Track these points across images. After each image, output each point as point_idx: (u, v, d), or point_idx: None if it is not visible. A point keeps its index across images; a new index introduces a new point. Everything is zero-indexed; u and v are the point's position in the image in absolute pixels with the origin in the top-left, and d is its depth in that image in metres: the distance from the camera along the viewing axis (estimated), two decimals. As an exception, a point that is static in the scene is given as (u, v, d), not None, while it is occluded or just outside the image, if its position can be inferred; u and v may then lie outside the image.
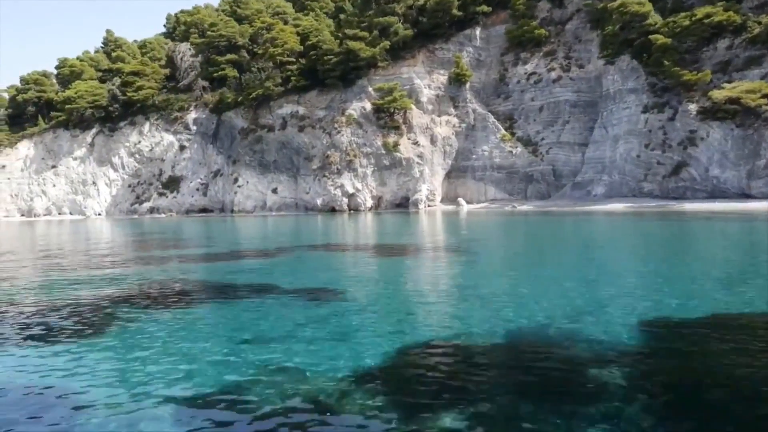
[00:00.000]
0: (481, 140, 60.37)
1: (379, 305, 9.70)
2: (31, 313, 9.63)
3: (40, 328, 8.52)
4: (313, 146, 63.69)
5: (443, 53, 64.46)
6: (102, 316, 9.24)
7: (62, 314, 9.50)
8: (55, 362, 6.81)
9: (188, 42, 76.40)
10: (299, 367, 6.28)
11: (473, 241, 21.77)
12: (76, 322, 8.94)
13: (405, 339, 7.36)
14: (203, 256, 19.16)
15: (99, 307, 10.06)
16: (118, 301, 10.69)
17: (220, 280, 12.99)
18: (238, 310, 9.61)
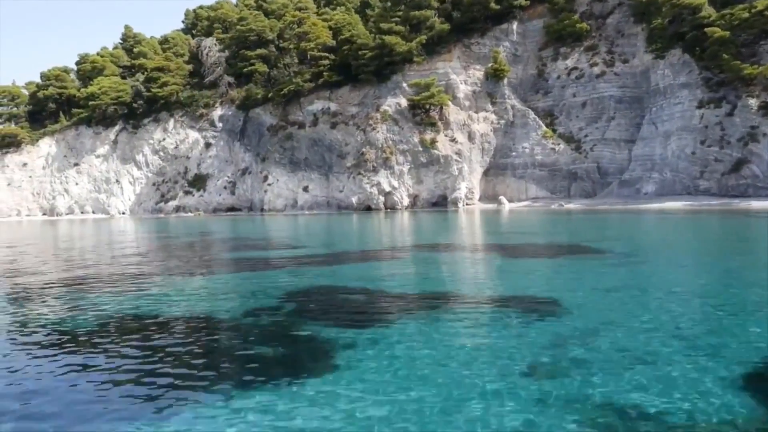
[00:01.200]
0: (521, 137, 58.77)
1: (615, 318, 8.03)
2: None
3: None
4: (346, 143, 62.09)
5: (479, 48, 62.86)
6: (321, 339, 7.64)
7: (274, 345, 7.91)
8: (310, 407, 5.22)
9: (213, 37, 74.66)
10: (646, 409, 4.69)
11: (607, 241, 20.16)
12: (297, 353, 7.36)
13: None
14: (325, 257, 17.49)
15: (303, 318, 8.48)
16: (319, 320, 9.10)
17: (405, 288, 11.37)
18: (469, 326, 7.99)
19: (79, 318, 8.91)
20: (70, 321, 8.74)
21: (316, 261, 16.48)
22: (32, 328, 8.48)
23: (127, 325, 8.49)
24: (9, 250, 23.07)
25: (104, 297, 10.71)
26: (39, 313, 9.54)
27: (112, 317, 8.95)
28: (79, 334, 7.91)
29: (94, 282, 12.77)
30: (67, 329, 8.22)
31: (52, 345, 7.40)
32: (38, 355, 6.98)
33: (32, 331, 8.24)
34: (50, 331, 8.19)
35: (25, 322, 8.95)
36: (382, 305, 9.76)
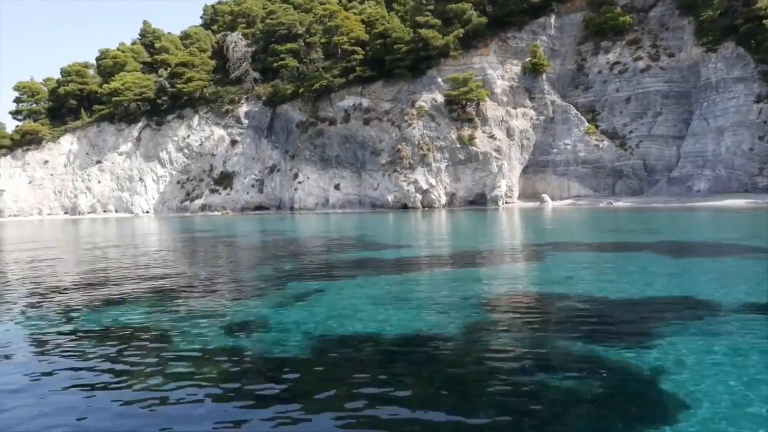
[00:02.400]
0: (562, 133, 57.14)
1: None
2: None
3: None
4: (380, 140, 60.42)
5: (516, 42, 61.29)
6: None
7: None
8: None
9: (238, 32, 72.99)
10: None
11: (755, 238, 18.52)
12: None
13: None
14: (454, 257, 15.84)
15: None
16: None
17: (638, 294, 9.71)
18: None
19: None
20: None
21: (452, 262, 14.85)
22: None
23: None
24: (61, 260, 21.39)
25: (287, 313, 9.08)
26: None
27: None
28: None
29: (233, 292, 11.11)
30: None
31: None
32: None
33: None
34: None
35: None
36: (646, 314, 8.12)
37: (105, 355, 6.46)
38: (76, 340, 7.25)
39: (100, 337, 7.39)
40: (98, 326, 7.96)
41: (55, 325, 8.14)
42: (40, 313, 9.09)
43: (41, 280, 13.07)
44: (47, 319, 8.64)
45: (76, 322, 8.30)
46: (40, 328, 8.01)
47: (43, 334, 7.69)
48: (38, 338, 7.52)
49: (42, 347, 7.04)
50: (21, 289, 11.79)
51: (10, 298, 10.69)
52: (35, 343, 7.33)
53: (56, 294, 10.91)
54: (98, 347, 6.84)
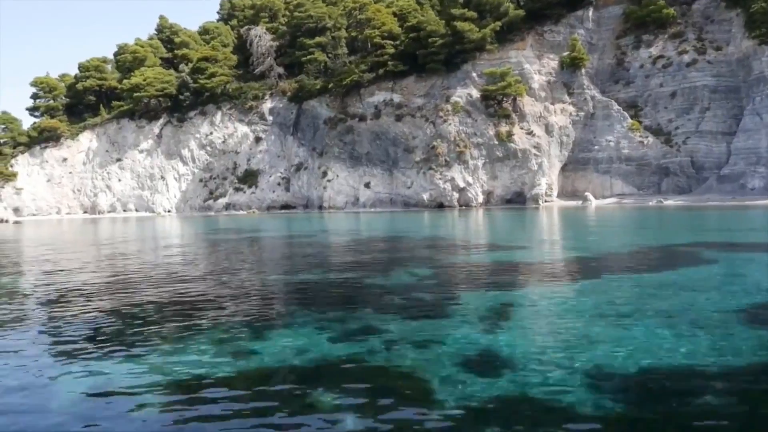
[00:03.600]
0: (604, 130, 55.29)
1: None
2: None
3: None
4: (413, 136, 58.52)
5: (553, 36, 59.51)
6: None
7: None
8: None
9: (261, 25, 71.02)
10: None
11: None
12: None
13: None
14: (595, 260, 13.97)
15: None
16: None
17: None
18: None
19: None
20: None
21: (608, 265, 12.95)
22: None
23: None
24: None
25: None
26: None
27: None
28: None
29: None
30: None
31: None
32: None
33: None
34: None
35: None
36: None
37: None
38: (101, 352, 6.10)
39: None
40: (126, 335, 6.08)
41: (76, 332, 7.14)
42: (62, 321, 8.04)
43: (62, 285, 11.22)
44: (69, 325, 7.65)
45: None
46: (61, 336, 7.05)
47: (64, 342, 6.79)
48: (59, 346, 6.62)
49: (60, 354, 6.25)
50: (42, 295, 9.94)
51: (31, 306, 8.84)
52: (54, 351, 6.41)
53: (77, 303, 9.05)
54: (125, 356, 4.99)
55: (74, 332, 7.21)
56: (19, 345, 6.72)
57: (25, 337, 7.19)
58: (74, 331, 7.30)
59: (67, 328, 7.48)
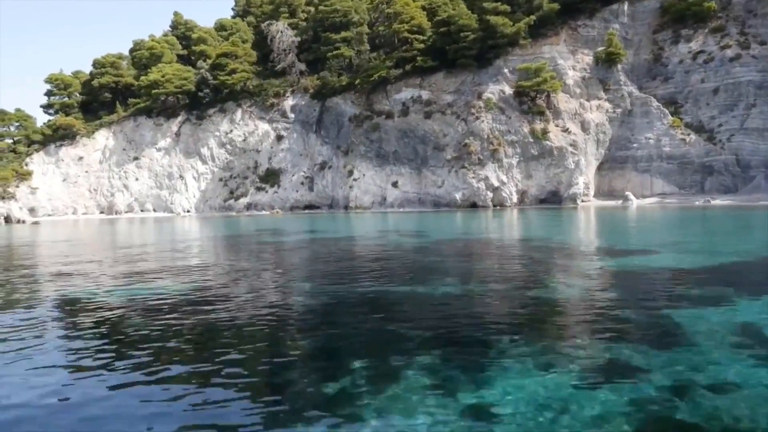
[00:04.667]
0: (642, 127, 53.48)
1: None
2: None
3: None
4: (444, 134, 56.69)
5: (587, 31, 57.71)
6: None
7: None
8: None
9: (283, 21, 69.14)
10: None
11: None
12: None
13: None
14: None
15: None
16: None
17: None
18: None
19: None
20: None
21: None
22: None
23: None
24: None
25: None
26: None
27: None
28: None
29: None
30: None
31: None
32: None
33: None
34: None
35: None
36: None
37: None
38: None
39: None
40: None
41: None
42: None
43: (83, 294, 9.41)
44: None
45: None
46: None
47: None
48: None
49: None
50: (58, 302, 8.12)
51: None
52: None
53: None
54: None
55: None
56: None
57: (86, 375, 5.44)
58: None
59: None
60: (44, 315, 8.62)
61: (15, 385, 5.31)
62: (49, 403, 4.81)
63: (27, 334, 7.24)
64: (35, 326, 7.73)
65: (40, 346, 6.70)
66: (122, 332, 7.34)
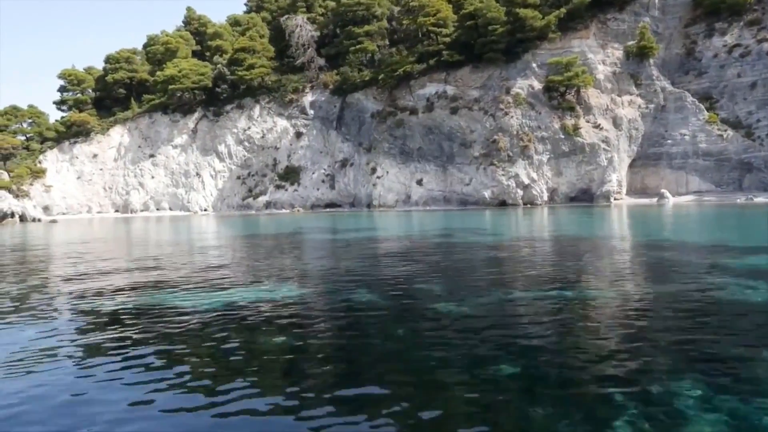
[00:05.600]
0: (677, 123, 52.01)
1: None
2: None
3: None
4: (471, 130, 55.24)
5: (617, 24, 56.20)
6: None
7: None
8: None
9: (301, 15, 67.66)
10: None
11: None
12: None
13: None
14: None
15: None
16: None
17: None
18: None
19: None
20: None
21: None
22: None
23: None
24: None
25: None
26: None
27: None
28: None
29: None
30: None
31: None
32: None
33: None
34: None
35: None
36: None
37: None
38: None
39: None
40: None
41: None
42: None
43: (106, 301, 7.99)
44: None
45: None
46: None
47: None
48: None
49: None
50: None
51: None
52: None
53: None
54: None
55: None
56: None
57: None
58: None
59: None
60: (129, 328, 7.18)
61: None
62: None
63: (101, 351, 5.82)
64: (116, 346, 6.29)
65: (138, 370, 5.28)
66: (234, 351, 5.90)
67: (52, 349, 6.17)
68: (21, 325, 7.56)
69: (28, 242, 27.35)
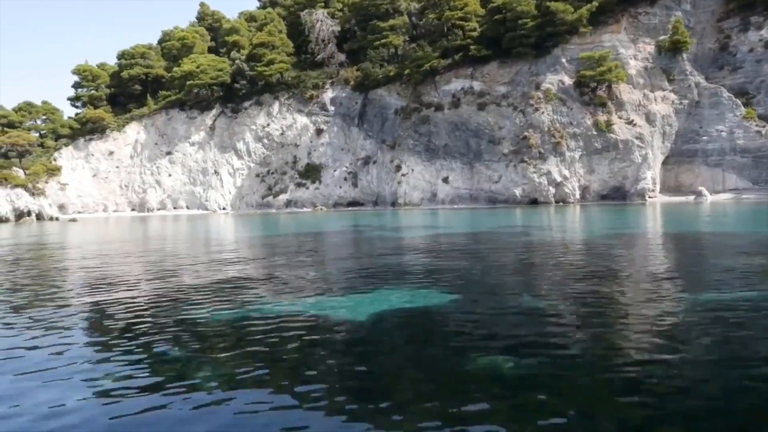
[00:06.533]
0: (712, 119, 50.79)
1: None
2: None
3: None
4: (500, 127, 53.95)
5: (648, 18, 54.96)
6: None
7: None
8: None
9: (321, 9, 66.29)
10: None
11: None
12: None
13: None
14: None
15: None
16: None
17: None
18: None
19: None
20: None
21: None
22: None
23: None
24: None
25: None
26: None
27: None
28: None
29: None
30: None
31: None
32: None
33: None
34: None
35: None
36: None
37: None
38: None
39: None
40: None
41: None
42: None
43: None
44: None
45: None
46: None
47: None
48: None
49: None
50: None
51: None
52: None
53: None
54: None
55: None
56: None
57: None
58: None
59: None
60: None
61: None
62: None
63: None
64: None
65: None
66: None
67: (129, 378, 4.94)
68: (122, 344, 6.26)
69: (58, 241, 26.02)
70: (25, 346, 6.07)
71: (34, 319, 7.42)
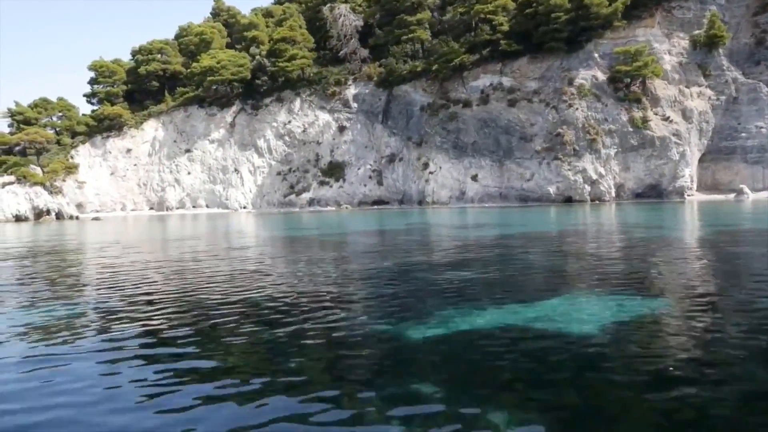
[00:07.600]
0: (751, 115, 49.65)
1: None
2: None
3: None
4: (531, 123, 52.68)
5: (682, 13, 53.86)
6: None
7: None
8: None
9: (342, 4, 64.90)
10: None
11: None
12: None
13: None
14: None
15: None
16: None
17: None
18: None
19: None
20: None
21: None
22: None
23: None
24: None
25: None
26: None
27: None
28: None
29: None
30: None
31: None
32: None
33: None
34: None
35: None
36: None
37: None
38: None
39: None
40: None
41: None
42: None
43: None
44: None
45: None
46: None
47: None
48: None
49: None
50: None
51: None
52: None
53: None
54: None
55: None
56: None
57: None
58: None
59: None
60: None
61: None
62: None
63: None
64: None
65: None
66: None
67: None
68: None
69: (97, 241, 24.69)
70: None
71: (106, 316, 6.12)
